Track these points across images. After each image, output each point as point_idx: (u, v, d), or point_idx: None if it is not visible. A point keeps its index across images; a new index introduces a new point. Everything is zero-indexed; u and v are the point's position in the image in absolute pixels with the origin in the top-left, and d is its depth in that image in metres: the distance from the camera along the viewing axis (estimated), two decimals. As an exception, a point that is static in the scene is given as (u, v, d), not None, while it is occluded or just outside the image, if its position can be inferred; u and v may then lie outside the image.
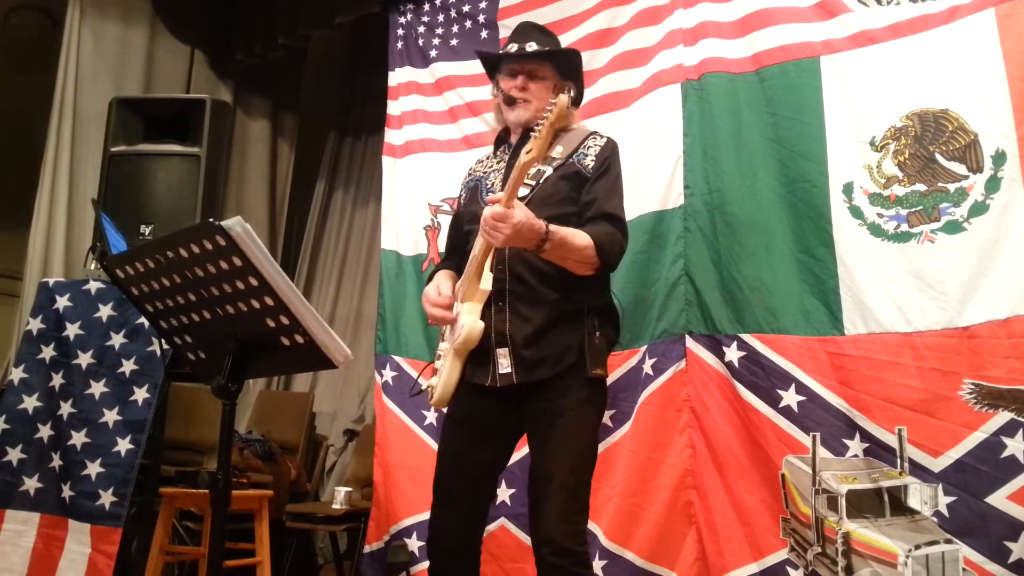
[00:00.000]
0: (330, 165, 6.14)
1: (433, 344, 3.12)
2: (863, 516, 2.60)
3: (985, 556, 2.40)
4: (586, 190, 2.29)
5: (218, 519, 1.71)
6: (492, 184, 2.43)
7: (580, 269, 2.20)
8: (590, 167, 2.31)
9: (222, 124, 3.79)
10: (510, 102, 2.41)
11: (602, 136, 2.41)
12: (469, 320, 2.20)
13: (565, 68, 2.48)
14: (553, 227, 2.09)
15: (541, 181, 2.25)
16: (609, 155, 2.35)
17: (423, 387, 2.41)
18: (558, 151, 2.29)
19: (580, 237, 2.16)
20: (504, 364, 2.21)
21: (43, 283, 3.39)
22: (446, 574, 2.30)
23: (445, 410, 2.39)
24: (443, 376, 2.26)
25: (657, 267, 3.14)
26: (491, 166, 2.52)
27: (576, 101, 2.51)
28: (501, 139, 2.55)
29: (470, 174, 2.59)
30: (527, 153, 2.02)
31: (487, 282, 2.21)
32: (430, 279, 2.49)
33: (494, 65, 2.55)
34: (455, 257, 2.50)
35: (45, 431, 3.14)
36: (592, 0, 3.60)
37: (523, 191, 2.15)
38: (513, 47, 2.46)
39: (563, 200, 2.23)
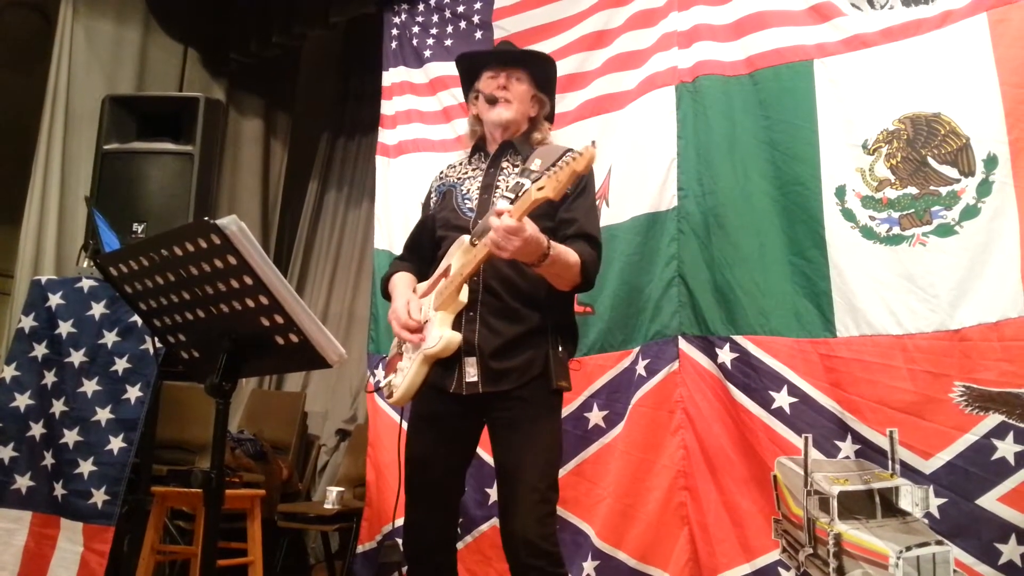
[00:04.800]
0: (323, 164, 6.13)
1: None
2: (854, 517, 2.62)
3: (976, 558, 2.42)
4: (565, 207, 2.31)
5: (211, 518, 1.71)
6: (467, 191, 2.44)
7: (561, 285, 2.24)
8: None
9: (215, 123, 3.77)
10: (492, 101, 2.43)
11: (579, 153, 2.41)
12: (447, 332, 2.20)
13: (541, 79, 2.52)
14: (553, 243, 2.13)
15: (520, 194, 2.25)
16: (587, 175, 2.36)
17: (380, 384, 2.42)
18: (536, 164, 2.29)
19: (571, 255, 2.20)
20: (471, 373, 2.23)
21: (35, 281, 3.38)
22: (423, 572, 2.32)
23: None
24: (408, 378, 2.26)
25: (650, 269, 3.15)
26: (466, 173, 2.52)
27: (549, 117, 2.56)
28: (477, 147, 2.56)
29: (441, 178, 2.59)
30: (539, 190, 2.03)
31: (465, 295, 2.22)
32: (387, 280, 2.48)
33: (471, 77, 2.57)
34: (413, 257, 2.53)
35: (37, 429, 3.13)
36: (587, 2, 3.61)
37: (503, 203, 2.14)
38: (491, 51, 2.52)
39: (541, 215, 2.22)
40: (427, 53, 4.10)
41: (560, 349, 2.29)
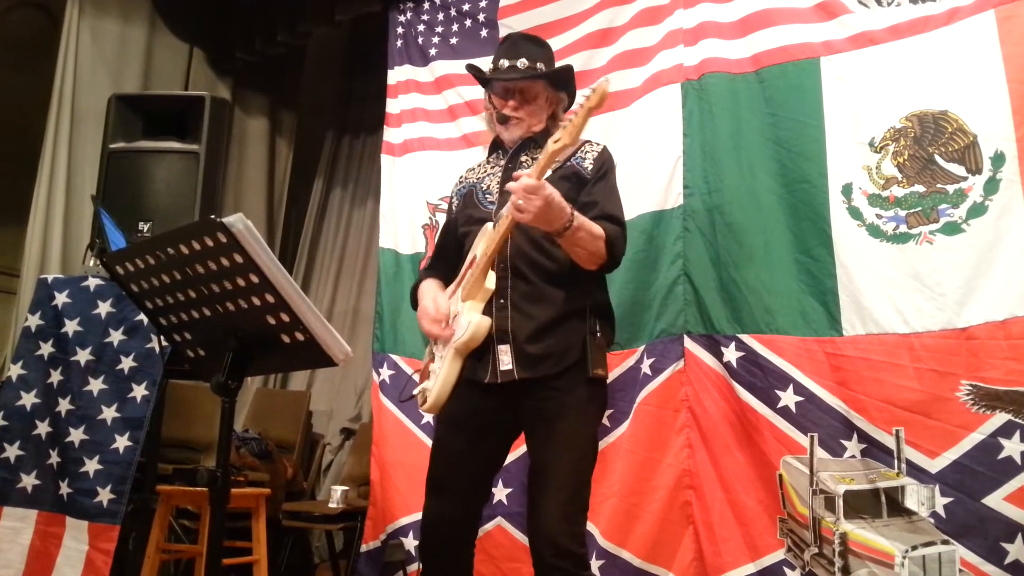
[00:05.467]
0: (328, 163, 6.14)
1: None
2: (860, 517, 2.61)
3: (982, 557, 2.41)
4: (586, 191, 2.30)
5: (217, 517, 1.71)
6: (488, 187, 2.43)
7: (587, 262, 2.20)
8: (589, 169, 2.33)
9: (221, 121, 3.78)
10: (503, 120, 2.41)
11: (598, 143, 2.44)
12: (475, 317, 2.18)
13: (557, 80, 2.49)
14: (576, 213, 2.10)
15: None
16: (607, 160, 2.38)
17: (414, 392, 2.38)
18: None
19: (596, 228, 2.17)
20: (506, 360, 2.19)
21: (42, 279, 3.38)
22: (439, 571, 2.28)
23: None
24: (441, 376, 2.22)
25: (656, 267, 3.14)
26: (485, 171, 2.51)
27: (567, 109, 2.53)
28: (496, 145, 2.55)
29: (461, 181, 2.58)
30: (556, 142, 2.03)
31: (491, 281, 2.20)
32: (415, 288, 2.47)
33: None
34: (441, 264, 2.50)
35: (43, 428, 3.14)
36: (592, 0, 3.60)
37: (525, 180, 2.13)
38: (504, 63, 2.44)
39: (563, 199, 2.23)
40: (432, 52, 4.10)
41: (598, 335, 2.25)
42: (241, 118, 5.62)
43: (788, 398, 2.78)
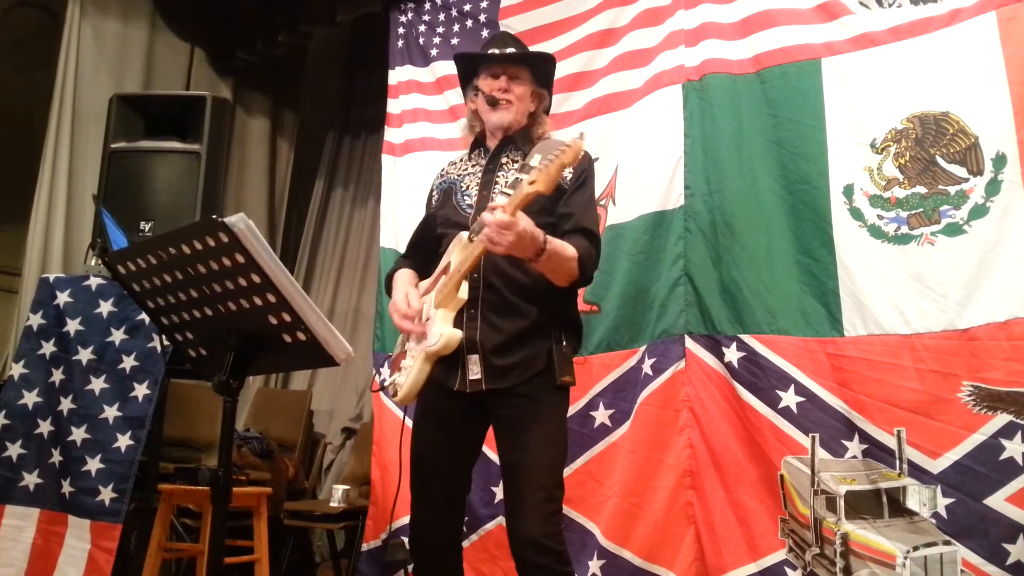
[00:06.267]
0: (329, 163, 6.13)
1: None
2: (861, 517, 2.61)
3: (983, 558, 2.41)
4: (564, 202, 2.30)
5: (218, 516, 1.71)
6: (467, 187, 2.42)
7: (560, 280, 2.22)
8: (567, 178, 2.31)
9: (222, 121, 3.78)
10: (493, 103, 2.41)
11: (567, 145, 2.41)
12: (447, 329, 2.19)
13: (541, 75, 2.50)
14: (550, 238, 2.11)
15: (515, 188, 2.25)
16: (586, 168, 2.36)
17: (386, 383, 2.41)
18: (536, 160, 2.27)
19: (568, 250, 2.18)
20: (475, 371, 2.22)
21: (44, 279, 3.38)
22: (430, 571, 2.31)
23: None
24: (411, 377, 2.25)
25: (657, 267, 3.15)
26: (466, 169, 2.51)
27: (547, 110, 2.54)
28: (477, 142, 2.54)
29: (442, 175, 2.58)
30: (531, 184, 2.00)
31: (465, 291, 2.22)
32: (390, 277, 2.48)
33: (469, 73, 2.55)
34: (416, 254, 2.51)
35: (45, 427, 3.14)
36: (593, 0, 3.60)
37: (501, 199, 2.10)
38: (494, 52, 2.48)
39: (540, 210, 2.21)
40: (433, 52, 4.10)
41: (564, 344, 2.28)
42: (242, 118, 5.62)
43: (789, 398, 2.78)
